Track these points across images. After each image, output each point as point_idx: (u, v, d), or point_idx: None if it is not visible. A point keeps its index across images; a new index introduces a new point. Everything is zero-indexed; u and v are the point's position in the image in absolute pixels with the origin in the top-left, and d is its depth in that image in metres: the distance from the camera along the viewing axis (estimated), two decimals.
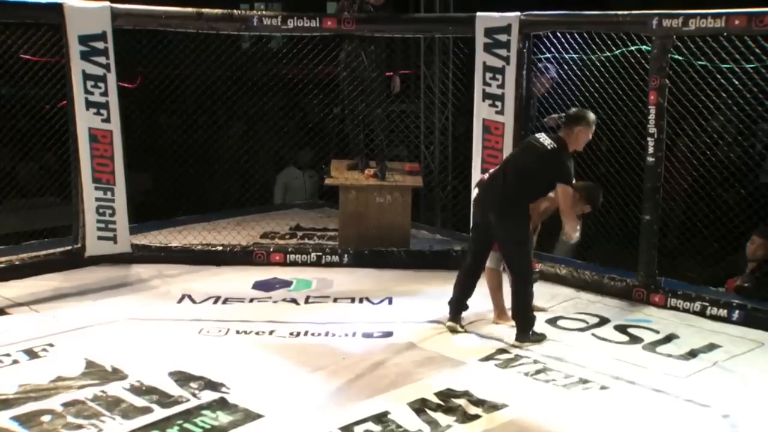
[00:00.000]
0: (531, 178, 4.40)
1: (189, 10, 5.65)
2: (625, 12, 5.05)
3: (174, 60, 6.12)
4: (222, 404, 3.70)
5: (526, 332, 4.45)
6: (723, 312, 4.78)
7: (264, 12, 6.30)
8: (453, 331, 4.60)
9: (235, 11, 5.83)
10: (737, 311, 4.72)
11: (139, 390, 3.82)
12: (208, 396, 3.78)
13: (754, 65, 4.62)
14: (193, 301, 5.15)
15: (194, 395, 3.78)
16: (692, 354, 4.36)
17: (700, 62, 4.81)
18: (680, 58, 4.85)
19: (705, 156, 5.05)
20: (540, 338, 4.47)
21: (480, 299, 5.18)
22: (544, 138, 4.46)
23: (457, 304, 4.68)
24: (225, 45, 6.01)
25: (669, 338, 4.58)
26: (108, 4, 5.51)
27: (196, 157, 6.65)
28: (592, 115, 4.48)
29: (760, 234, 5.01)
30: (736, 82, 4.72)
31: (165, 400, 3.73)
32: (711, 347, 4.44)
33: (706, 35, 4.74)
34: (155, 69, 6.19)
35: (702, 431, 3.57)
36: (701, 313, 4.88)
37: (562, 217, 4.36)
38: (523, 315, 4.48)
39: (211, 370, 4.02)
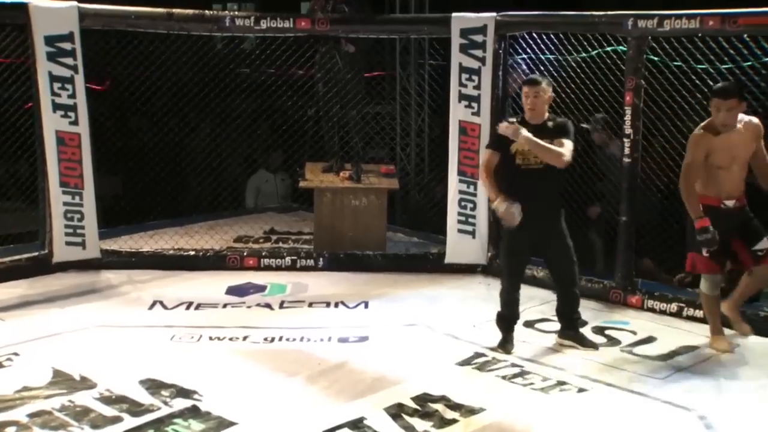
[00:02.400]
0: None
1: (159, 10, 5.56)
2: (601, 13, 5.04)
3: (144, 61, 6.02)
4: (194, 412, 3.63)
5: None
6: (699, 313, 4.76)
7: (236, 12, 6.22)
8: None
9: (206, 12, 5.75)
10: None
11: (108, 399, 3.74)
12: (180, 404, 3.70)
13: (729, 66, 4.63)
14: (165, 307, 5.06)
15: (166, 403, 3.71)
16: (669, 355, 4.35)
17: (675, 63, 4.82)
18: (656, 58, 4.85)
19: (681, 156, 5.05)
20: (501, 348, 4.38)
21: (457, 303, 5.19)
22: None
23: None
24: (197, 46, 5.92)
25: (646, 340, 4.57)
26: (75, 3, 5.40)
27: (167, 160, 6.56)
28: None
29: None
30: (711, 83, 4.73)
31: (135, 408, 3.65)
32: (688, 349, 4.43)
33: (680, 36, 4.75)
34: (125, 70, 6.08)
35: None
36: (678, 315, 4.88)
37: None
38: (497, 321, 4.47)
39: (183, 377, 3.95)
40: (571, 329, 4.42)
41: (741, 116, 4.17)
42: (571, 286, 4.37)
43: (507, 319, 4.42)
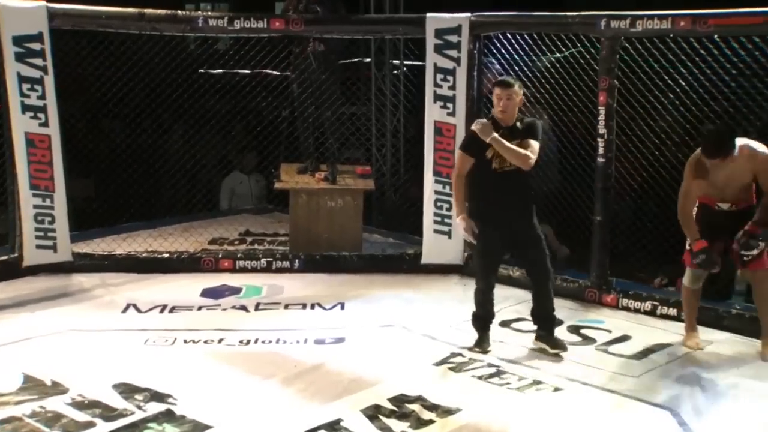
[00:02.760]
0: None
1: (130, 10, 5.49)
2: (574, 13, 5.08)
3: (116, 62, 5.95)
4: (169, 416, 3.60)
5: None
6: (673, 311, 4.82)
7: (210, 13, 6.18)
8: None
9: (179, 12, 5.71)
10: None
11: (80, 404, 3.68)
12: (154, 408, 3.66)
13: (701, 66, 4.68)
14: (139, 311, 5.01)
15: (139, 407, 3.66)
16: (644, 354, 4.38)
17: (648, 63, 4.86)
18: (628, 58, 4.89)
19: (654, 156, 5.11)
20: (478, 348, 4.38)
21: (433, 304, 5.19)
22: None
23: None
24: (169, 47, 5.86)
25: (621, 338, 4.59)
26: (44, 3, 5.32)
27: (140, 162, 6.50)
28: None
29: None
30: (683, 83, 4.78)
31: (108, 413, 3.60)
32: (662, 347, 4.47)
33: (653, 36, 4.80)
34: (96, 71, 6.01)
35: (653, 430, 3.59)
36: (652, 313, 4.92)
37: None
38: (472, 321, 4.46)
39: (157, 381, 3.90)
40: (543, 330, 4.41)
41: (748, 144, 4.09)
42: (545, 285, 4.37)
43: (482, 318, 4.43)
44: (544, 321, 4.40)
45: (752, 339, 4.45)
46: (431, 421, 3.59)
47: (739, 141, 4.07)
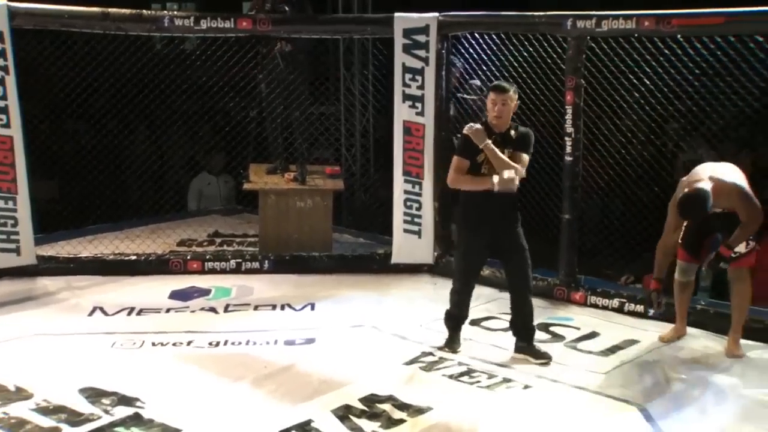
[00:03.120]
0: None
1: (94, 9, 5.42)
2: (541, 13, 5.12)
3: (80, 62, 5.87)
4: (137, 420, 3.56)
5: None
6: (640, 308, 4.88)
7: (176, 12, 6.12)
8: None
9: (144, 11, 5.63)
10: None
11: (46, 410, 3.62)
12: (121, 412, 3.62)
13: (665, 66, 4.75)
14: (105, 314, 4.94)
15: (107, 412, 3.62)
16: (612, 350, 4.43)
17: (614, 63, 4.92)
18: (594, 58, 4.95)
19: (620, 155, 5.17)
20: (448, 347, 4.36)
21: (404, 303, 5.20)
22: None
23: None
24: (135, 47, 5.80)
25: (590, 335, 4.64)
26: (5, 2, 5.23)
27: (106, 163, 6.42)
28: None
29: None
30: (648, 82, 4.84)
31: (75, 418, 3.55)
32: (630, 343, 4.52)
33: (618, 36, 4.85)
34: (59, 71, 5.92)
35: (620, 425, 3.63)
36: (619, 310, 4.97)
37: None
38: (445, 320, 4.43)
39: (124, 384, 3.86)
40: (523, 341, 4.33)
41: (718, 179, 4.09)
42: (525, 294, 4.31)
43: (456, 318, 4.42)
44: (523, 330, 4.33)
45: (718, 335, 4.52)
46: (402, 421, 3.60)
47: (707, 170, 4.13)
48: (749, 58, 4.43)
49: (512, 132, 4.20)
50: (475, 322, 4.78)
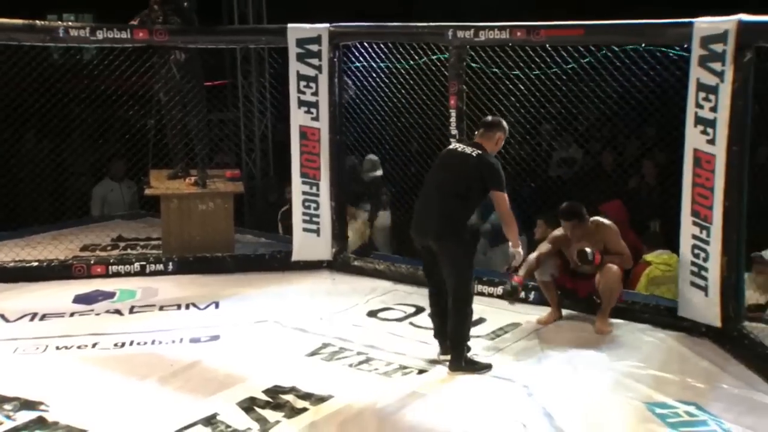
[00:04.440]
0: (466, 190, 4.15)
1: None
2: (424, 24, 5.44)
3: None
4: (41, 423, 3.60)
5: (459, 361, 4.23)
6: (522, 294, 5.21)
7: (71, 23, 6.09)
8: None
9: (37, 22, 5.62)
10: (533, 293, 5.18)
11: None
12: (24, 416, 3.65)
13: (537, 72, 5.15)
14: (6, 320, 4.93)
15: (9, 417, 3.65)
16: (497, 333, 4.72)
17: (491, 69, 5.29)
18: (474, 65, 5.30)
19: (500, 154, 5.52)
20: (484, 368, 4.25)
21: (305, 298, 5.36)
22: (462, 147, 4.26)
23: (442, 334, 4.34)
24: (29, 56, 5.76)
25: (477, 321, 4.81)
26: None
27: (1, 172, 6.32)
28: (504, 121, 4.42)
29: (542, 218, 5.56)
30: (522, 88, 5.23)
31: None
32: (513, 326, 4.83)
33: (494, 45, 5.22)
34: None
35: (506, 402, 3.88)
36: (503, 297, 5.24)
37: (506, 229, 4.19)
38: (458, 345, 4.24)
39: (27, 389, 3.89)
40: (455, 361, 4.22)
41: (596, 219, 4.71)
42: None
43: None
44: (450, 344, 4.28)
45: (589, 315, 4.91)
46: (305, 409, 3.76)
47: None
48: (608, 66, 4.87)
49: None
50: (373, 314, 5.03)
